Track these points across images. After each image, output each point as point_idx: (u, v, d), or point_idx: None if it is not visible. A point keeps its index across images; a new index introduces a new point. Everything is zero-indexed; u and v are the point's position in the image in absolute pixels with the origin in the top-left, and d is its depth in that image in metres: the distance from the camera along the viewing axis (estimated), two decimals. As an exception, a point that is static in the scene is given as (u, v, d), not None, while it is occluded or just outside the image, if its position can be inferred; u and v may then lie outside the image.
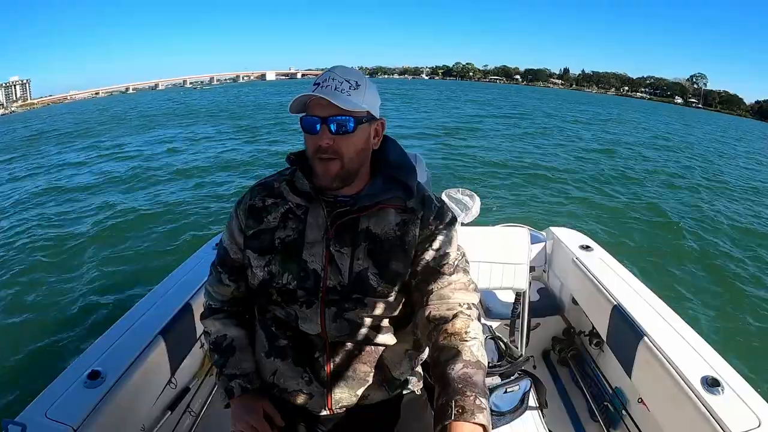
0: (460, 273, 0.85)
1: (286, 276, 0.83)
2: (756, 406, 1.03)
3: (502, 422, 1.26)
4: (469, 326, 0.78)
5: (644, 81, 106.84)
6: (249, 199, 0.89)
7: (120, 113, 27.41)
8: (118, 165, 10.16)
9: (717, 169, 12.01)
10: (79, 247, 5.18)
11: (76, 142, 14.42)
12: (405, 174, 0.86)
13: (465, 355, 0.73)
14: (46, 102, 77.59)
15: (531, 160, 10.28)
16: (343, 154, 0.79)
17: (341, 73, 0.80)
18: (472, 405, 0.66)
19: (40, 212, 6.76)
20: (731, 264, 4.85)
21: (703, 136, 23.10)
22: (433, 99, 33.72)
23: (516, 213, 5.90)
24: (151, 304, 1.43)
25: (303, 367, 0.86)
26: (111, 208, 6.70)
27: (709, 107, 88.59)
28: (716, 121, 44.78)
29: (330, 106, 0.77)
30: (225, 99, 36.36)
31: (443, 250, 0.85)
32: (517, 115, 23.38)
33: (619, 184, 8.39)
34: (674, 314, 1.41)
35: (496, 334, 1.46)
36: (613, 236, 5.41)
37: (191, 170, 9.18)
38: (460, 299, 0.82)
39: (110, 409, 1.06)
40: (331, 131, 0.78)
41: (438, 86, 61.10)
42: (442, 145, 12.02)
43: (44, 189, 8.31)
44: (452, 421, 0.65)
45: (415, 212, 0.85)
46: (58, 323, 3.55)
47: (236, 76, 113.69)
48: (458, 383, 0.69)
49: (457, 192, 2.08)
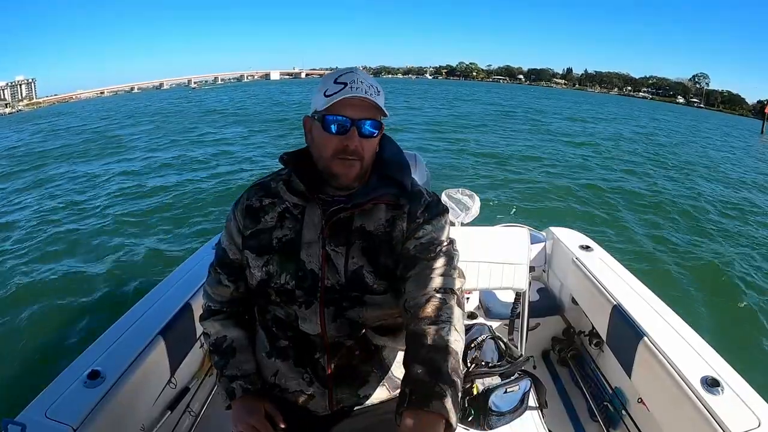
0: (441, 258, 0.80)
1: (284, 276, 0.83)
2: (756, 406, 1.03)
3: (502, 422, 1.26)
4: (440, 309, 0.73)
5: (647, 81, 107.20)
6: (246, 199, 0.89)
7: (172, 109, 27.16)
8: (127, 164, 10.19)
9: (714, 165, 12.11)
10: (79, 246, 5.18)
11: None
12: (399, 172, 0.85)
13: (429, 339, 0.68)
14: (52, 101, 77.58)
15: (531, 158, 10.30)
16: (364, 156, 0.80)
17: (365, 78, 0.79)
18: (431, 392, 0.61)
19: (40, 211, 6.76)
20: (731, 264, 4.84)
21: (707, 134, 23.28)
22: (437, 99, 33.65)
23: (516, 213, 5.91)
24: (151, 304, 1.43)
25: (304, 367, 0.86)
26: (112, 207, 6.70)
27: (711, 107, 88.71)
28: (714, 120, 44.96)
29: (364, 108, 0.77)
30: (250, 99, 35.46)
31: (427, 238, 0.82)
32: (522, 113, 23.50)
33: (618, 184, 8.38)
34: (674, 314, 1.41)
35: (496, 334, 1.46)
36: (613, 236, 5.41)
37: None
38: (437, 284, 0.77)
39: (110, 409, 1.06)
40: (362, 134, 0.78)
41: (441, 86, 60.96)
42: (441, 143, 12.05)
43: (45, 190, 8.32)
44: (404, 410, 0.60)
45: (402, 207, 0.84)
46: (58, 323, 3.55)
47: (240, 76, 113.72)
48: (419, 368, 0.64)
49: (457, 192, 2.09)
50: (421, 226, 0.83)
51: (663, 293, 1.56)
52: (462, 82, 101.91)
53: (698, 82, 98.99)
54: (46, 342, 3.29)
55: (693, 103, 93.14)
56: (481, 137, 13.82)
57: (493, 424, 1.24)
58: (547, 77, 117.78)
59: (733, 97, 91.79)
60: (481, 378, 1.27)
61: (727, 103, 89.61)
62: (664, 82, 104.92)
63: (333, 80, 0.79)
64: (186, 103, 32.17)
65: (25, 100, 75.16)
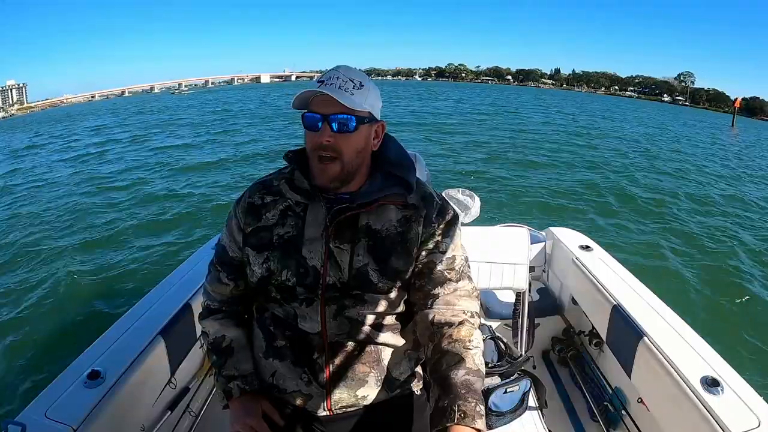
0: (465, 280, 0.87)
1: (285, 272, 0.83)
2: (756, 406, 1.03)
3: (502, 422, 1.26)
4: (473, 335, 0.81)
5: (633, 80, 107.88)
6: (248, 197, 0.89)
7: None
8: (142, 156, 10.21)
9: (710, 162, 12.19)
10: (80, 246, 5.18)
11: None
12: (403, 170, 0.86)
13: (468, 362, 0.76)
14: (44, 105, 77.25)
15: (530, 158, 10.30)
16: (343, 153, 0.80)
17: (346, 73, 0.81)
18: (473, 411, 0.69)
19: (39, 211, 6.76)
20: (731, 264, 4.84)
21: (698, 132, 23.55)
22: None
23: (516, 212, 5.91)
24: (151, 304, 1.43)
25: (302, 367, 0.86)
26: (112, 207, 6.71)
27: (697, 105, 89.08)
28: (690, 115, 45.42)
29: (333, 103, 0.77)
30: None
31: (450, 254, 0.86)
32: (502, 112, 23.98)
33: (618, 184, 8.38)
34: (674, 314, 1.41)
35: (496, 334, 1.46)
36: (613, 236, 5.41)
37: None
38: (465, 307, 0.84)
39: (110, 409, 1.06)
40: (333, 129, 0.79)
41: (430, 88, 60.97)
42: (441, 143, 12.06)
43: (46, 190, 8.32)
44: (454, 425, 0.68)
45: (417, 209, 0.86)
46: (58, 323, 3.55)
47: (231, 79, 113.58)
48: (461, 389, 0.72)
49: (457, 192, 2.08)
50: (437, 233, 0.86)
51: (663, 293, 1.56)
52: (451, 84, 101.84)
53: (684, 80, 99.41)
54: (46, 342, 3.28)
55: (678, 102, 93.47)
56: (479, 135, 13.86)
57: (492, 424, 1.24)
58: (535, 78, 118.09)
59: (718, 95, 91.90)
60: (481, 378, 1.27)
61: (712, 101, 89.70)
62: (651, 81, 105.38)
63: (318, 79, 0.81)
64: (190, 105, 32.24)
65: (16, 104, 74.79)
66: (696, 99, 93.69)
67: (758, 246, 5.53)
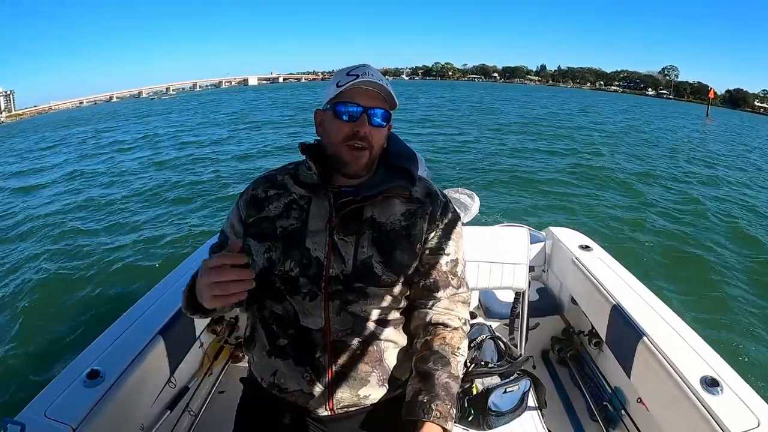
0: (464, 287, 0.92)
1: (288, 263, 0.84)
2: (755, 406, 1.03)
3: (502, 422, 1.26)
4: (462, 343, 0.86)
5: (618, 75, 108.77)
6: (252, 190, 0.91)
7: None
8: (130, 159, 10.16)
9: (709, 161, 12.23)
10: (79, 246, 5.17)
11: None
12: (406, 161, 0.89)
13: (452, 368, 0.82)
14: (32, 113, 76.26)
15: (530, 160, 10.31)
16: (373, 144, 0.83)
17: (375, 71, 0.83)
18: (447, 413, 0.77)
19: (38, 210, 6.76)
20: (731, 264, 4.84)
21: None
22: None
23: (516, 212, 5.91)
24: (151, 303, 1.43)
25: (304, 366, 0.86)
26: (112, 207, 6.70)
27: (681, 98, 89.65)
28: (675, 108, 45.79)
29: (375, 97, 0.81)
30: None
31: (453, 256, 0.90)
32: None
33: (617, 184, 8.38)
34: (673, 314, 1.41)
35: (496, 334, 1.46)
36: (613, 236, 5.41)
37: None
38: (461, 314, 0.89)
39: (109, 409, 1.06)
40: (372, 122, 0.82)
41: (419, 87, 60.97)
42: (439, 143, 12.07)
43: (46, 190, 8.31)
44: (428, 421, 0.75)
45: (422, 205, 0.88)
46: (58, 322, 3.55)
47: (219, 82, 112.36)
48: (441, 390, 0.79)
49: (456, 192, 2.09)
50: (440, 231, 0.88)
51: (662, 293, 1.56)
52: (439, 82, 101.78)
53: (668, 74, 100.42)
54: (46, 342, 3.28)
55: (663, 95, 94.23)
56: (477, 138, 13.87)
57: (492, 424, 1.25)
58: (521, 75, 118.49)
59: (701, 87, 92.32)
60: (480, 378, 1.28)
61: (696, 93, 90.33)
62: (635, 75, 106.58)
63: (345, 73, 0.83)
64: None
65: (4, 112, 74.01)
66: (680, 92, 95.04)
67: (759, 245, 5.53)
